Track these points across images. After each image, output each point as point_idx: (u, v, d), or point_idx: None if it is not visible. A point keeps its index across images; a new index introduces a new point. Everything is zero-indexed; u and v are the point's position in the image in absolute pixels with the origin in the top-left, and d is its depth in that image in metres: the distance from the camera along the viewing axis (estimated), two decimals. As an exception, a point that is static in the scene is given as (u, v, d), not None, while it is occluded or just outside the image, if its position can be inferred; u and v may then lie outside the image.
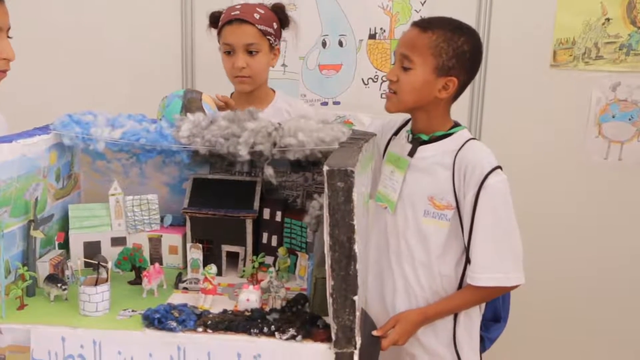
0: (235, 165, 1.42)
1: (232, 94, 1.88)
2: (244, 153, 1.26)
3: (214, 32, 1.82)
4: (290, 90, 2.05)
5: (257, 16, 1.74)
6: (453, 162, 1.39)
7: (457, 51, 1.37)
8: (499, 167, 1.38)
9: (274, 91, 1.89)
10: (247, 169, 1.44)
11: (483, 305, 1.49)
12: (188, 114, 1.34)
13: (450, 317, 1.46)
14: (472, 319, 1.47)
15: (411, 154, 1.44)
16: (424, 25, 1.39)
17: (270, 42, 1.77)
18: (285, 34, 1.86)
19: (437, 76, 1.38)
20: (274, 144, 1.26)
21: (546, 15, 2.16)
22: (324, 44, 2.31)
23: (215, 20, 1.82)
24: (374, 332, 1.34)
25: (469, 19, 1.46)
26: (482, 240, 1.37)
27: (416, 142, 1.45)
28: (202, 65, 2.34)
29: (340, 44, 2.31)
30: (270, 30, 1.76)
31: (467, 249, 1.40)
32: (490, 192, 1.35)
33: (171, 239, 1.40)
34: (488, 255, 1.38)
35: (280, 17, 1.81)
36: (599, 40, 2.17)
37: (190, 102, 1.42)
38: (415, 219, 1.44)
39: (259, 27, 1.73)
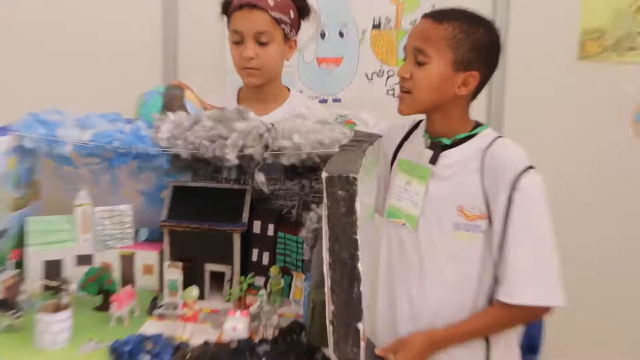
0: (222, 172, 1.41)
1: (240, 90, 1.86)
2: (231, 157, 1.25)
3: (225, 21, 1.81)
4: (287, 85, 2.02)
5: (271, 2, 1.73)
6: (481, 162, 1.39)
7: (476, 43, 1.37)
8: (532, 166, 1.37)
9: (288, 90, 1.87)
10: (235, 176, 1.42)
11: (520, 330, 1.45)
12: (169, 113, 1.33)
13: (481, 346, 1.41)
14: (511, 348, 1.42)
15: (433, 161, 1.43)
16: (438, 16, 1.40)
17: (285, 32, 1.75)
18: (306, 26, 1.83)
19: (455, 71, 1.38)
20: (266, 147, 1.25)
21: (571, 2, 2.15)
22: (322, 35, 2.30)
23: (226, 5, 1.81)
24: (377, 351, 1.31)
25: (484, 8, 1.45)
26: (517, 249, 1.35)
27: (437, 148, 1.44)
28: (186, 58, 2.32)
29: (341, 34, 2.30)
30: (285, 18, 1.74)
31: (497, 260, 1.37)
32: (525, 194, 1.35)
33: (146, 257, 1.38)
34: (525, 267, 1.35)
35: (299, 5, 1.79)
36: (632, 29, 2.15)
37: (172, 100, 1.41)
38: (444, 235, 1.42)
39: (273, 14, 1.72)
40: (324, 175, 0.98)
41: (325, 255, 0.99)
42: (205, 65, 2.26)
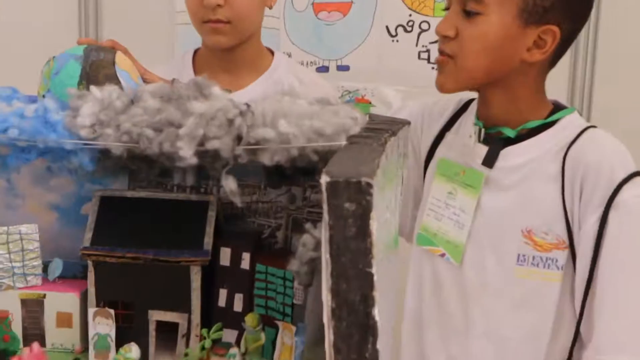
0: (173, 176, 1.44)
1: (196, 53, 1.88)
2: (187, 154, 1.26)
3: None
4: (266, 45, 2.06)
5: None
6: (562, 165, 1.40)
7: None
8: (638, 173, 1.38)
9: (271, 52, 1.90)
10: (193, 182, 1.45)
11: None
12: (92, 87, 1.34)
13: None
14: None
15: (489, 162, 1.45)
16: None
17: None
18: None
19: (524, 25, 1.39)
20: (239, 139, 1.26)
21: None
22: (322, -31, 2.34)
23: None
24: None
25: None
26: (612, 296, 1.37)
27: (496, 142, 1.45)
28: (113, 2, 2.37)
29: (350, -33, 2.33)
30: None
31: (580, 312, 1.40)
32: (627, 214, 1.36)
33: (61, 301, 1.41)
34: (624, 324, 1.38)
35: None
36: None
37: (96, 67, 1.43)
38: (503, 272, 1.44)
39: None
40: (324, 179, 0.99)
41: (327, 297, 1.00)
42: (143, 13, 2.30)
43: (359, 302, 1.00)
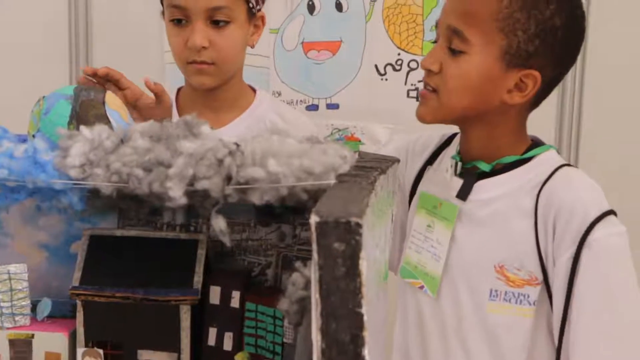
0: (163, 215, 1.44)
1: (179, 90, 1.90)
2: (176, 194, 1.26)
3: None
4: (256, 85, 2.07)
5: None
6: (535, 203, 1.41)
7: (543, 26, 1.39)
8: (611, 212, 1.39)
9: (253, 90, 1.91)
10: (183, 220, 1.45)
11: None
12: (82, 127, 1.34)
13: None
14: None
15: (463, 195, 1.46)
16: None
17: (250, 5, 1.79)
18: None
19: (506, 67, 1.40)
20: (228, 179, 1.27)
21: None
22: (310, 8, 2.35)
23: None
24: None
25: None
26: (587, 335, 1.38)
27: (470, 176, 1.47)
28: (103, 43, 2.38)
29: (339, 6, 2.36)
30: None
31: (558, 348, 1.41)
32: (598, 253, 1.37)
33: (50, 341, 1.40)
34: None
35: None
36: None
37: (86, 107, 1.44)
38: (475, 306, 1.45)
39: None
40: (313, 219, 0.99)
41: (317, 337, 1.00)
42: (133, 53, 2.31)
43: (349, 342, 1.00)
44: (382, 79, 2.37)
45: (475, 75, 1.40)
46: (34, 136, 1.39)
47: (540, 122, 1.55)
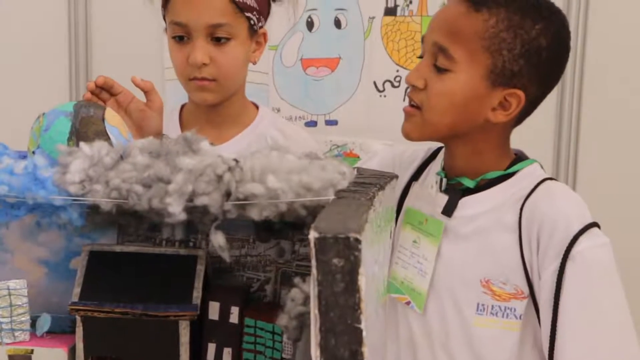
0: (162, 230, 1.44)
1: (182, 107, 1.90)
2: (176, 210, 1.26)
3: (157, 3, 1.85)
4: (255, 101, 2.08)
5: None
6: (519, 217, 1.42)
7: (528, 46, 1.40)
8: (594, 224, 1.40)
9: (256, 107, 1.92)
10: (182, 236, 1.45)
11: None
12: (81, 144, 1.35)
13: None
14: None
15: (448, 211, 1.47)
16: None
17: (252, 22, 1.80)
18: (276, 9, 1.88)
19: (491, 85, 1.41)
20: (227, 195, 1.27)
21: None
22: (309, 25, 2.36)
23: None
24: None
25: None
26: (574, 348, 1.38)
27: (455, 192, 1.48)
28: (102, 59, 2.38)
29: (338, 23, 2.36)
30: (251, 2, 1.79)
31: None
32: (582, 265, 1.37)
33: (49, 357, 1.39)
34: None
35: None
36: None
37: (86, 124, 1.44)
38: (462, 320, 1.46)
39: None
40: (312, 235, 1.00)
41: (315, 353, 1.00)
42: (133, 70, 2.32)
43: (348, 357, 1.00)
44: (380, 96, 2.38)
45: (460, 93, 1.41)
46: (33, 153, 1.40)
47: (539, 123, 1.55)
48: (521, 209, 1.41)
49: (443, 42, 1.41)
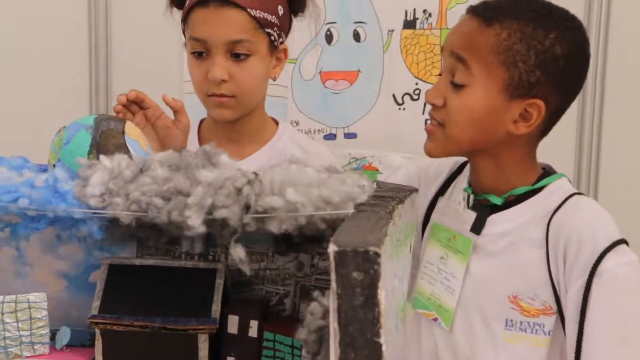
0: (181, 244, 1.43)
1: (202, 123, 1.91)
2: (195, 223, 1.26)
3: (177, 16, 1.85)
4: (273, 115, 2.08)
5: None
6: (546, 233, 1.41)
7: (543, 56, 1.39)
8: (622, 241, 1.39)
9: (276, 122, 1.92)
10: (201, 249, 1.44)
11: None
12: (101, 157, 1.35)
13: None
14: None
15: (476, 229, 1.46)
16: (488, 13, 1.42)
17: (272, 38, 1.80)
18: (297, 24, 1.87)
19: (510, 98, 1.40)
20: (247, 208, 1.27)
21: None
22: (328, 38, 2.36)
23: None
24: None
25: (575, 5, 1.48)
26: None
27: (483, 209, 1.47)
28: (122, 72, 2.39)
29: (357, 37, 2.36)
30: (271, 18, 1.79)
31: None
32: (611, 282, 1.36)
33: (70, 370, 1.40)
34: None
35: None
36: None
37: (106, 137, 1.45)
38: (490, 336, 1.45)
39: (254, 12, 1.76)
40: (331, 249, 1.00)
41: None
42: (152, 84, 2.33)
43: (367, 372, 1.00)
44: (399, 109, 2.38)
45: (478, 107, 1.40)
46: (54, 166, 1.40)
47: (560, 133, 1.54)
48: (548, 224, 1.40)
49: (462, 53, 1.40)
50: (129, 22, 2.40)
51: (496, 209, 1.46)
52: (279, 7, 1.79)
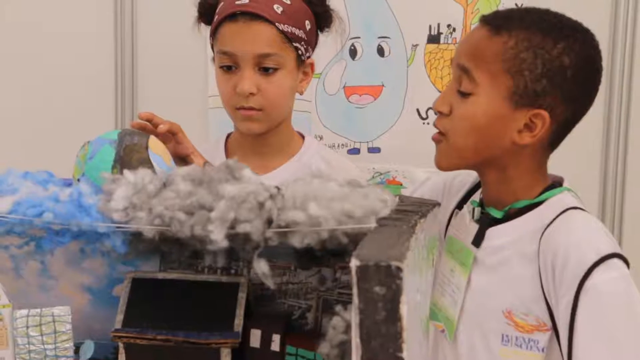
0: (204, 258, 1.44)
1: (229, 137, 1.92)
2: (218, 237, 1.27)
3: (203, 31, 1.86)
4: (298, 129, 2.09)
5: (278, 9, 1.77)
6: (538, 248, 1.40)
7: (550, 66, 1.38)
8: (614, 254, 1.36)
9: (302, 137, 1.92)
10: (224, 263, 1.45)
11: None
12: (125, 171, 1.36)
13: None
14: None
15: (476, 241, 1.46)
16: (498, 22, 1.42)
17: (299, 52, 1.81)
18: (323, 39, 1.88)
19: (514, 107, 1.39)
20: (269, 222, 1.27)
21: None
22: (352, 53, 2.37)
23: (207, 10, 1.85)
24: None
25: (598, 16, 1.47)
26: None
27: (484, 222, 1.46)
28: (147, 86, 2.41)
29: (381, 51, 2.37)
30: (299, 33, 1.80)
31: None
32: (595, 298, 1.34)
33: (93, 383, 1.41)
34: None
35: (318, 11, 1.85)
36: None
37: (130, 151, 1.46)
38: (489, 351, 1.44)
39: (282, 27, 1.77)
40: (354, 263, 1.00)
41: None
42: (177, 97, 2.34)
43: (389, 387, 1.00)
44: (423, 123, 2.38)
45: (482, 115, 1.39)
46: (78, 180, 1.42)
47: (586, 130, 1.53)
48: (540, 239, 1.39)
49: (466, 64, 1.40)
50: (155, 39, 2.41)
51: (496, 222, 1.46)
52: (307, 22, 1.80)
